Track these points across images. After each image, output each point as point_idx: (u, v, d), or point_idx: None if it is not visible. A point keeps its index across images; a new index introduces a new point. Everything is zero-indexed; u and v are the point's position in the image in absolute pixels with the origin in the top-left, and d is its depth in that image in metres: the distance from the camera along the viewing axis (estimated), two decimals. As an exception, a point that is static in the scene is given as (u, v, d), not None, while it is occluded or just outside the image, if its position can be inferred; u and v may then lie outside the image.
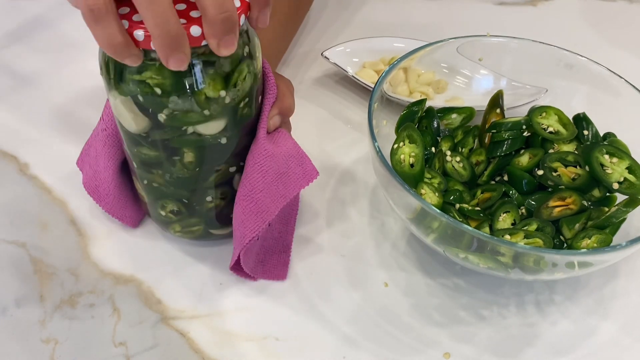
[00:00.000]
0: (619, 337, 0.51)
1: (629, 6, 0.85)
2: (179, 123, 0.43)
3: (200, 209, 0.50)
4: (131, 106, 0.42)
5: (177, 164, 0.46)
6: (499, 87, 0.62)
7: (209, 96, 0.41)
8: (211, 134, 0.44)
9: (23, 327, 0.50)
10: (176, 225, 0.52)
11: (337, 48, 0.69)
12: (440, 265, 0.55)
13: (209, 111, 0.42)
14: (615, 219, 0.51)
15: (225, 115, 0.43)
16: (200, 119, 0.43)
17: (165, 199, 0.50)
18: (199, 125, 0.43)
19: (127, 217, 0.55)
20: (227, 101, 0.43)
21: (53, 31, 0.74)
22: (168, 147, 0.45)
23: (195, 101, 0.41)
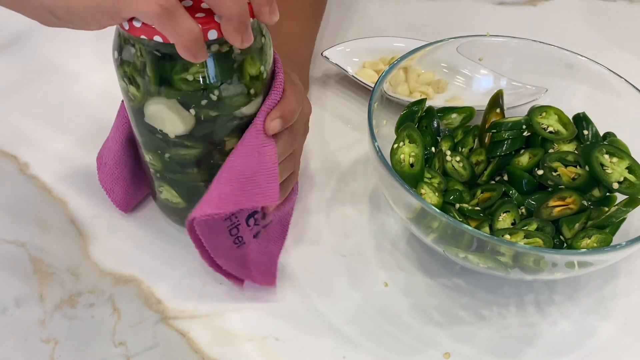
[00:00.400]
0: (619, 337, 0.51)
1: (629, 6, 0.85)
2: (229, 110, 0.44)
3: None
4: (177, 108, 0.43)
5: (217, 156, 0.47)
6: (499, 87, 0.62)
7: (252, 75, 0.44)
8: (253, 113, 0.46)
9: (23, 326, 0.50)
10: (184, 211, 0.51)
11: (337, 48, 0.69)
12: (440, 265, 0.55)
13: (254, 89, 0.44)
14: (615, 218, 0.51)
15: (263, 91, 0.46)
16: (246, 100, 0.44)
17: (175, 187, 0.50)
18: (245, 107, 0.45)
19: (115, 194, 0.54)
20: (265, 76, 0.45)
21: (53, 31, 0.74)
22: (212, 140, 0.46)
23: (243, 83, 0.43)
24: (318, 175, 0.60)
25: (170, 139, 0.45)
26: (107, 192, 0.55)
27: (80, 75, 0.69)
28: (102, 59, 0.71)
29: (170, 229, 0.56)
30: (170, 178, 0.50)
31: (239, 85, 0.43)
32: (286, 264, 0.54)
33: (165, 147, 0.47)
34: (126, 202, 0.56)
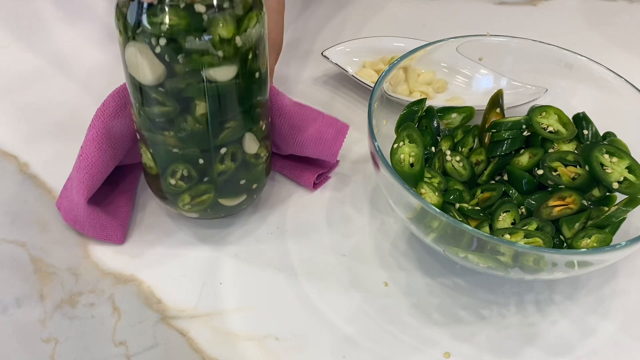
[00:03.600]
0: (619, 336, 0.51)
1: (629, 6, 0.85)
2: (194, 65, 0.45)
3: (211, 172, 0.51)
4: (148, 53, 0.44)
5: (189, 119, 0.47)
6: (499, 87, 0.62)
7: (222, 37, 0.44)
8: (223, 81, 0.46)
9: (23, 326, 0.50)
10: (185, 196, 0.52)
11: (337, 47, 0.69)
12: (440, 264, 0.55)
13: (223, 53, 0.45)
14: (615, 218, 0.51)
15: (236, 61, 0.46)
16: (214, 61, 0.45)
17: (176, 163, 0.50)
18: (213, 69, 0.45)
19: (112, 235, 0.54)
20: (239, 45, 0.46)
21: (53, 31, 0.74)
22: (181, 98, 0.47)
23: (210, 42, 0.44)
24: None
25: (145, 88, 0.47)
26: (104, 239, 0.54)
27: (80, 75, 0.70)
28: (103, 59, 0.72)
29: (171, 229, 0.56)
30: (146, 138, 0.50)
31: (205, 42, 0.44)
32: (286, 263, 0.54)
33: (141, 99, 0.48)
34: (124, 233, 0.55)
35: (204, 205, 0.53)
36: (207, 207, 0.53)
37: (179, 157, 0.50)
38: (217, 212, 0.54)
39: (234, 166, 0.51)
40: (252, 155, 0.52)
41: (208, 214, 0.54)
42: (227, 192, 0.53)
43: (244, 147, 0.51)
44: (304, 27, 0.77)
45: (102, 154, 0.53)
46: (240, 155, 0.51)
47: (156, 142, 0.50)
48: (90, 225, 0.54)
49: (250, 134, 0.51)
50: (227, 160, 0.51)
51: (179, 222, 0.57)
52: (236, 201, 0.54)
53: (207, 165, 0.50)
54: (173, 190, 0.52)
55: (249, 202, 0.55)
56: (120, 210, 0.56)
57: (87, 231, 0.54)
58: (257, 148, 0.52)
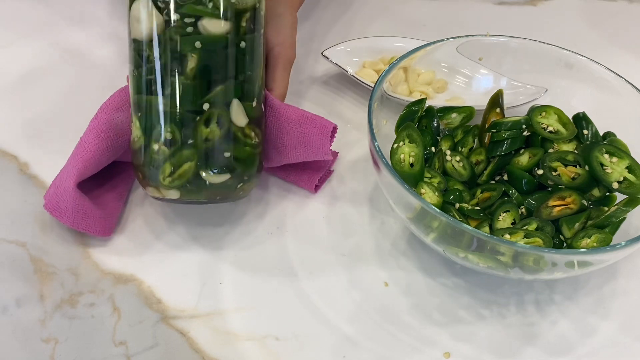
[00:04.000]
0: (619, 336, 0.51)
1: (629, 6, 0.85)
2: (188, 10, 0.48)
3: (195, 136, 0.50)
4: (149, 6, 0.49)
5: (179, 75, 0.49)
6: (499, 87, 0.62)
7: None
8: (215, 33, 0.49)
9: (23, 326, 0.50)
10: (167, 165, 0.50)
11: (337, 47, 0.69)
12: (440, 264, 0.55)
13: (214, 4, 0.49)
14: (615, 218, 0.51)
15: (229, 16, 0.50)
16: (206, 11, 0.49)
17: (162, 124, 0.50)
18: (206, 20, 0.49)
19: (92, 226, 0.54)
20: (234, 0, 0.50)
21: (54, 31, 0.74)
22: (175, 52, 0.49)
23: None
24: (318, 175, 0.60)
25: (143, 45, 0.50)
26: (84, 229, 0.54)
27: (81, 75, 0.69)
28: (104, 59, 0.72)
29: (171, 228, 0.56)
30: (137, 104, 0.51)
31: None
32: (286, 263, 0.54)
33: (138, 59, 0.51)
34: (106, 227, 0.55)
35: (185, 177, 0.50)
36: (189, 181, 0.50)
37: (166, 117, 0.50)
38: (198, 190, 0.51)
39: (219, 133, 0.50)
40: (240, 128, 0.51)
41: (189, 191, 0.51)
42: (210, 163, 0.50)
43: (232, 114, 0.51)
44: (304, 27, 0.77)
45: (99, 142, 0.53)
46: (226, 123, 0.50)
47: (146, 105, 0.50)
48: (73, 211, 0.53)
49: (238, 102, 0.51)
50: (213, 124, 0.50)
51: (179, 222, 0.57)
52: (219, 178, 0.51)
53: (191, 127, 0.50)
54: (155, 160, 0.50)
55: (232, 188, 0.52)
56: (108, 205, 0.56)
57: (67, 219, 0.53)
58: (245, 123, 0.51)
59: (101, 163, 0.55)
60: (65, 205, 0.53)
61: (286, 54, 0.60)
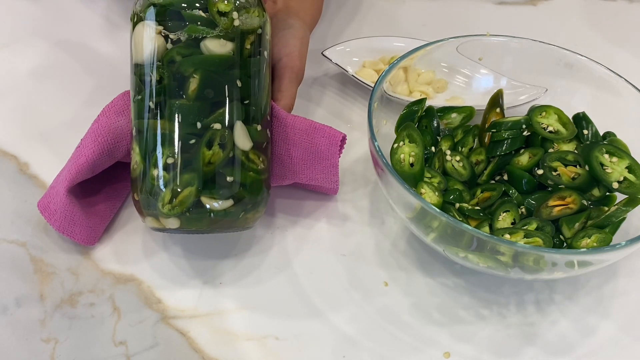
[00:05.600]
0: (619, 336, 0.51)
1: (629, 6, 0.85)
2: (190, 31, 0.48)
3: (196, 159, 0.48)
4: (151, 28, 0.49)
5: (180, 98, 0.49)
6: (499, 87, 0.62)
7: (220, 10, 0.49)
8: (218, 54, 0.49)
9: (23, 326, 0.50)
10: (166, 193, 0.48)
11: (337, 47, 0.69)
12: (440, 264, 0.55)
13: (220, 25, 0.49)
14: (615, 218, 0.51)
15: (233, 38, 0.50)
16: (210, 31, 0.49)
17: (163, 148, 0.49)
18: (208, 40, 0.49)
19: (77, 233, 0.53)
20: (237, 24, 0.49)
21: (54, 31, 0.74)
22: (177, 74, 0.49)
23: (210, 13, 0.49)
24: (318, 175, 0.60)
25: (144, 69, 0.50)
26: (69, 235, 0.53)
27: (81, 75, 0.69)
28: (104, 60, 0.71)
29: (171, 229, 0.56)
30: (137, 129, 0.50)
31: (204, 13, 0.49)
32: (286, 263, 0.54)
33: (139, 83, 0.50)
34: (91, 236, 0.54)
35: (185, 203, 0.48)
36: (189, 208, 0.48)
37: (165, 140, 0.48)
38: (199, 218, 0.49)
39: (222, 155, 0.48)
40: (244, 152, 0.49)
41: (189, 219, 0.48)
42: (212, 188, 0.48)
43: (235, 137, 0.49)
44: (304, 27, 0.77)
45: (95, 146, 0.53)
46: (229, 145, 0.49)
47: (146, 129, 0.49)
48: (61, 215, 0.53)
49: (242, 124, 0.49)
50: (215, 146, 0.48)
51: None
52: (221, 204, 0.48)
53: (192, 151, 0.48)
54: (155, 186, 0.48)
55: (235, 216, 0.49)
56: (98, 215, 0.55)
57: (54, 222, 0.53)
58: (249, 146, 0.50)
59: (97, 167, 0.54)
60: (55, 208, 0.53)
61: (294, 65, 0.58)
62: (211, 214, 0.48)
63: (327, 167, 0.54)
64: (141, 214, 0.51)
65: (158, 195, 0.48)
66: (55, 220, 0.53)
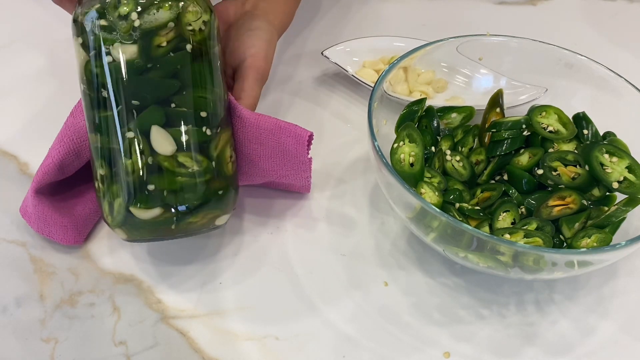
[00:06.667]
0: (619, 336, 0.51)
1: (629, 6, 0.85)
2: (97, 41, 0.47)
3: (119, 170, 0.47)
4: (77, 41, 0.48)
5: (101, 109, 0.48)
6: (499, 87, 0.62)
7: (122, 14, 0.46)
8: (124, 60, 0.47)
9: (23, 326, 0.50)
10: (105, 205, 0.48)
11: (337, 47, 0.69)
12: (440, 264, 0.55)
13: (119, 30, 0.46)
14: (615, 218, 0.51)
15: (135, 40, 0.47)
16: (111, 38, 0.46)
17: (97, 161, 0.48)
18: (114, 47, 0.47)
19: (55, 233, 0.53)
20: (137, 24, 0.46)
21: (54, 31, 0.74)
22: (95, 83, 0.48)
23: (111, 19, 0.46)
24: (318, 175, 0.60)
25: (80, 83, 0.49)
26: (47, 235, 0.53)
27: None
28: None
29: (171, 229, 0.56)
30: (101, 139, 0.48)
31: (104, 18, 0.47)
32: (286, 263, 0.54)
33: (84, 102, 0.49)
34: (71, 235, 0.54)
35: (120, 215, 0.47)
36: (124, 219, 0.47)
37: (97, 152, 0.48)
38: (136, 228, 0.48)
39: (140, 164, 0.47)
40: (167, 157, 0.47)
41: (130, 229, 0.48)
42: (137, 198, 0.47)
43: (152, 142, 0.47)
44: (303, 26, 0.77)
45: (61, 146, 0.53)
46: (146, 152, 0.47)
47: (91, 143, 0.49)
48: (35, 217, 0.53)
49: (158, 128, 0.47)
50: (134, 155, 0.47)
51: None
52: (148, 214, 0.47)
53: (116, 160, 0.47)
54: (99, 197, 0.49)
55: (175, 222, 0.48)
56: (80, 215, 0.55)
57: (32, 224, 0.53)
58: (172, 150, 0.47)
59: (66, 167, 0.53)
60: (30, 211, 0.54)
61: (258, 65, 0.57)
62: (145, 223, 0.47)
63: (296, 164, 0.54)
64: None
65: (101, 207, 0.49)
66: (32, 222, 0.54)
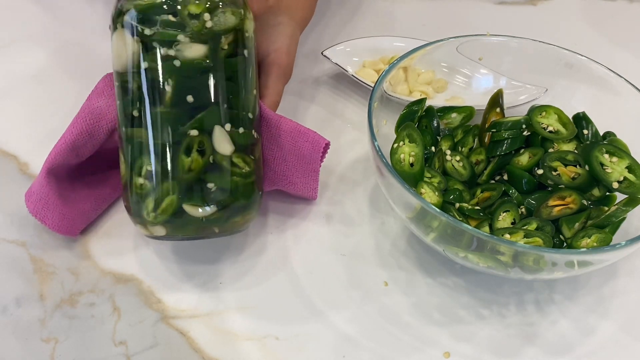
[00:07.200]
0: (619, 336, 0.51)
1: (629, 5, 0.85)
2: (162, 37, 0.47)
3: (176, 167, 0.47)
4: (126, 36, 0.48)
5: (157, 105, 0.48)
6: (499, 87, 0.62)
7: (191, 12, 0.47)
8: (191, 58, 0.48)
9: (23, 326, 0.50)
10: (149, 201, 0.48)
11: (337, 47, 0.69)
12: (440, 264, 0.55)
13: (190, 28, 0.47)
14: (615, 218, 0.51)
15: (206, 40, 0.48)
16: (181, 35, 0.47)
17: (143, 157, 0.48)
18: (181, 45, 0.47)
19: (49, 218, 0.53)
20: (209, 25, 0.48)
21: (54, 31, 0.74)
22: (153, 80, 0.48)
23: (180, 17, 0.47)
24: (318, 175, 0.60)
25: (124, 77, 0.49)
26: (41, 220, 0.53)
27: (81, 75, 0.69)
28: (105, 59, 0.71)
29: (171, 229, 0.56)
30: (122, 139, 0.49)
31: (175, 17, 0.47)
32: (286, 263, 0.54)
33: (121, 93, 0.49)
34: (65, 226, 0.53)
35: (168, 212, 0.48)
36: (172, 216, 0.48)
37: (147, 149, 0.48)
38: (184, 225, 0.48)
39: (202, 162, 0.48)
40: (225, 157, 0.48)
41: (175, 227, 0.48)
42: (193, 196, 0.48)
43: (214, 142, 0.48)
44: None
45: (74, 128, 0.53)
46: (208, 151, 0.48)
47: (130, 138, 0.49)
48: (36, 197, 0.52)
49: (221, 129, 0.48)
50: (194, 153, 0.47)
51: (179, 222, 0.57)
52: (203, 212, 0.48)
53: (172, 158, 0.48)
54: (139, 195, 0.48)
55: (221, 222, 0.49)
56: (81, 209, 0.55)
57: (30, 204, 0.52)
58: (231, 150, 0.48)
59: (80, 148, 0.53)
60: (34, 190, 0.53)
61: (281, 61, 0.57)
62: (193, 221, 0.48)
63: (307, 171, 0.54)
64: (133, 222, 0.50)
65: (142, 203, 0.48)
66: (31, 202, 0.53)
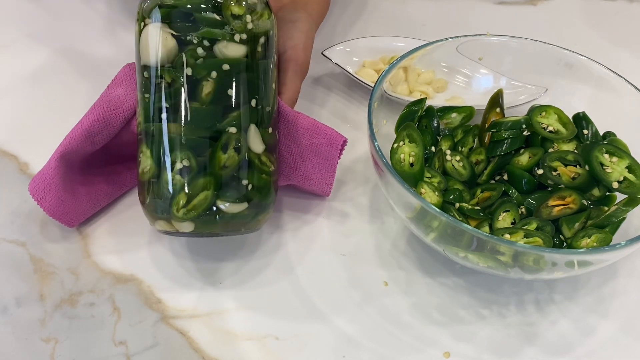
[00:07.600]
0: (619, 336, 0.51)
1: (629, 6, 0.85)
2: (205, 34, 0.48)
3: (212, 163, 0.48)
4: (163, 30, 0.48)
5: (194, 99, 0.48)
6: (499, 87, 0.62)
7: (234, 13, 0.48)
8: (232, 57, 0.48)
9: (23, 326, 0.50)
10: (181, 196, 0.48)
11: (337, 47, 0.69)
12: (440, 264, 0.55)
13: (234, 28, 0.48)
14: (615, 218, 0.51)
15: (247, 41, 0.49)
16: (225, 34, 0.48)
17: (175, 152, 0.48)
18: (223, 44, 0.48)
19: (46, 201, 0.52)
20: (250, 27, 0.49)
21: (54, 31, 0.74)
22: (190, 76, 0.48)
23: (224, 16, 0.48)
24: (318, 175, 0.60)
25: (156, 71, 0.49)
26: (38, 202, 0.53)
27: (81, 74, 0.69)
28: (105, 59, 0.72)
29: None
30: (147, 133, 0.49)
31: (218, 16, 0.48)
32: (286, 263, 0.54)
33: (149, 86, 0.49)
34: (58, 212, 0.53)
35: (200, 207, 0.48)
36: (204, 212, 0.48)
37: (181, 144, 0.48)
38: (213, 221, 0.49)
39: (237, 159, 0.49)
40: (257, 155, 0.50)
41: (204, 223, 0.49)
42: (228, 192, 0.48)
43: (249, 140, 0.49)
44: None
45: (91, 114, 0.53)
46: (244, 149, 0.49)
47: (159, 133, 0.49)
48: (40, 177, 0.52)
49: (255, 127, 0.50)
50: (230, 150, 0.48)
51: (179, 222, 0.57)
52: (236, 208, 0.49)
53: (207, 154, 0.48)
54: (169, 190, 0.48)
55: (248, 219, 0.50)
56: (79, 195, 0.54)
57: (32, 183, 0.52)
58: (262, 149, 0.50)
59: (95, 136, 0.53)
60: (41, 170, 0.53)
61: (298, 58, 0.58)
62: (225, 217, 0.49)
63: (325, 167, 0.55)
64: (152, 217, 0.50)
65: (172, 199, 0.48)
66: (33, 181, 0.52)
